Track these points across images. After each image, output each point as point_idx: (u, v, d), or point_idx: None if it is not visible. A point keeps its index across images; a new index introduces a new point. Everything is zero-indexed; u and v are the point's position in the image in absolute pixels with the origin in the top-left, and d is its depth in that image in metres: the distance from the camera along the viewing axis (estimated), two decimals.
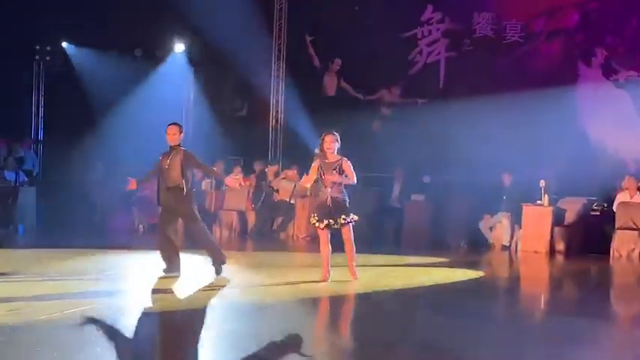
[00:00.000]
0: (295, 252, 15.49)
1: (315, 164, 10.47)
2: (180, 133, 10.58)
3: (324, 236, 10.42)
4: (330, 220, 10.31)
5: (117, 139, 18.02)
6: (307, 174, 10.55)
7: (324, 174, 10.35)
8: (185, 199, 10.47)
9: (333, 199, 10.31)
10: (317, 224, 10.40)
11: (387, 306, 9.45)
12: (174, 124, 10.64)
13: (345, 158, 10.44)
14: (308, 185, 11.22)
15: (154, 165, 10.69)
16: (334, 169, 10.30)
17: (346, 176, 10.30)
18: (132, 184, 10.77)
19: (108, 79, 18.42)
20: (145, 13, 19.41)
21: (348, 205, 10.37)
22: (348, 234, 10.43)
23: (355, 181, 10.44)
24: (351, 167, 10.42)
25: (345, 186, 10.39)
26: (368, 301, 9.75)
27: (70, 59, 19.19)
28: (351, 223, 10.37)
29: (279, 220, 17.44)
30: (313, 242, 16.56)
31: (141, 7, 19.42)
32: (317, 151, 10.57)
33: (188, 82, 19.89)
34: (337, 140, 10.42)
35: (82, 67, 19.04)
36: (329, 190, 10.33)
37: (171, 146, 10.57)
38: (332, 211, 10.30)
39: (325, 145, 10.39)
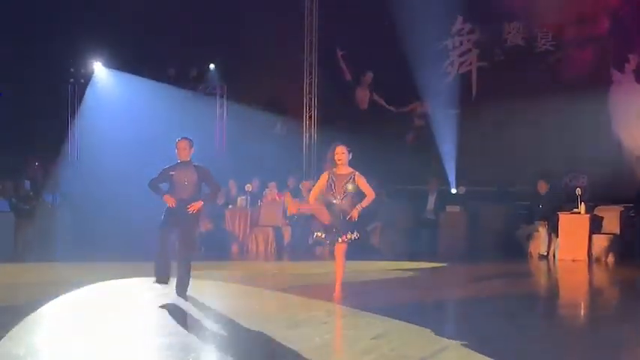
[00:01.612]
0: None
1: (323, 176, 10.13)
2: (191, 147, 10.36)
3: (341, 251, 10.06)
4: (336, 235, 9.98)
5: (152, 157, 18.11)
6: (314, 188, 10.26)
7: (335, 186, 10.00)
8: (192, 216, 10.27)
9: (344, 212, 9.96)
10: (324, 238, 10.09)
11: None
12: (185, 138, 10.40)
13: (358, 172, 10.06)
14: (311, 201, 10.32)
15: (162, 177, 10.35)
16: (347, 182, 9.95)
17: (359, 192, 9.93)
18: (170, 201, 10.34)
19: (142, 99, 18.59)
20: (177, 34, 19.67)
21: (357, 219, 9.96)
22: (342, 252, 10.07)
23: (373, 196, 10.08)
24: (366, 180, 10.06)
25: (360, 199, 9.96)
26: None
27: (102, 82, 19.36)
28: (348, 242, 9.98)
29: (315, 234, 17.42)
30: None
31: (174, 28, 19.70)
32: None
33: (221, 100, 19.98)
34: (349, 151, 10.05)
35: (115, 89, 19.20)
36: (339, 201, 9.98)
37: (182, 161, 10.33)
38: (340, 225, 9.95)
39: (336, 156, 10.02)
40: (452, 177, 17.62)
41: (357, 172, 10.05)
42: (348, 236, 9.95)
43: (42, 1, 20.51)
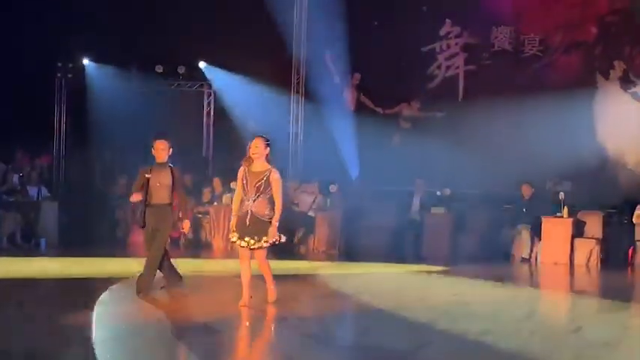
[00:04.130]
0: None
1: (240, 172, 9.11)
2: (170, 148, 10.05)
3: (246, 256, 9.12)
4: (250, 240, 8.98)
5: (139, 154, 18.12)
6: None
7: (247, 184, 8.99)
8: (169, 218, 10.07)
9: (254, 215, 8.98)
10: (237, 242, 9.07)
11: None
12: (164, 138, 10.09)
13: (275, 169, 9.04)
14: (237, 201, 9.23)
15: (140, 179, 10.01)
16: (259, 182, 8.94)
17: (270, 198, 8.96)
18: (135, 197, 9.96)
19: (129, 95, 18.60)
20: (165, 31, 19.67)
21: (271, 223, 8.98)
22: (262, 258, 9.14)
23: (280, 208, 8.99)
24: (280, 183, 9.01)
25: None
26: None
27: (92, 76, 19.33)
28: (267, 247, 9.05)
29: (300, 232, 17.52)
30: (333, 255, 16.72)
31: (161, 25, 19.70)
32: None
33: (208, 97, 19.98)
34: (266, 145, 9.02)
35: (103, 84, 19.19)
36: (251, 202, 9.01)
37: (158, 162, 10.00)
38: (253, 228, 8.98)
39: (251, 150, 9.01)
40: (437, 179, 17.68)
41: (273, 170, 9.03)
42: (264, 240, 8.99)
43: None
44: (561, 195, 15.73)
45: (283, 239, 9.26)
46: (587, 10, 17.78)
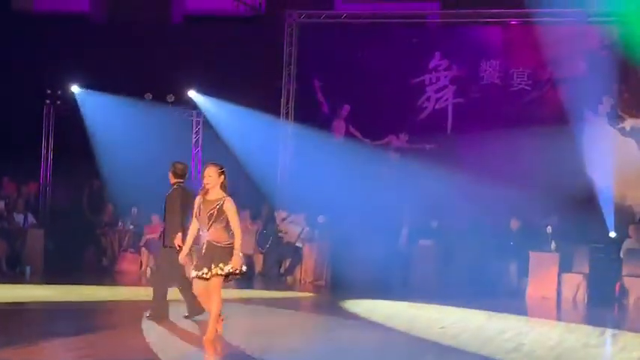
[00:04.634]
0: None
1: (196, 202, 8.81)
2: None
3: (211, 286, 8.66)
4: (205, 269, 8.59)
5: (126, 182, 18.09)
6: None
7: (200, 213, 8.69)
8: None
9: (210, 243, 8.62)
10: (197, 274, 8.68)
11: None
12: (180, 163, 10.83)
13: (229, 197, 8.72)
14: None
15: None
16: (212, 210, 8.60)
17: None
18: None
19: (117, 123, 18.57)
20: (155, 59, 19.72)
21: (230, 250, 8.61)
22: (215, 288, 8.64)
23: (240, 236, 8.63)
24: (235, 211, 8.67)
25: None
26: None
27: (80, 103, 19.29)
28: (224, 275, 8.61)
29: (287, 263, 17.46)
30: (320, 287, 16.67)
31: (150, 53, 19.76)
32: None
33: (197, 125, 19.96)
34: (220, 173, 8.74)
35: (91, 111, 19.15)
36: (206, 233, 8.66)
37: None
38: (207, 256, 8.60)
39: (204, 179, 8.72)
40: (426, 210, 17.67)
41: (227, 198, 8.69)
42: (220, 267, 8.56)
43: (19, 24, 20.57)
44: (549, 229, 15.76)
45: (244, 269, 8.78)
46: (576, 45, 17.87)
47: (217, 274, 8.56)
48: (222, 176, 8.73)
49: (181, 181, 10.85)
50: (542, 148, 17.17)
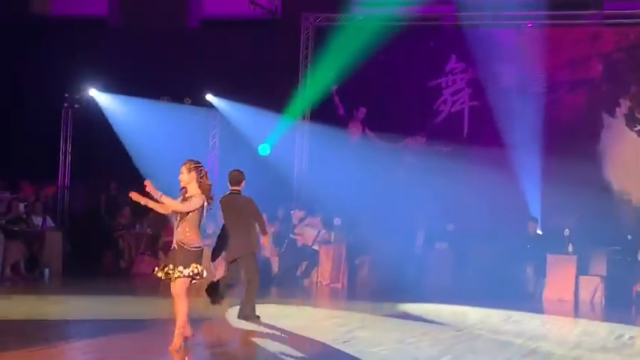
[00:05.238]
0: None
1: (179, 201, 8.72)
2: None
3: (176, 288, 8.56)
4: (169, 270, 8.51)
5: (143, 184, 18.12)
6: None
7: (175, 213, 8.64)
8: None
9: (177, 244, 8.54)
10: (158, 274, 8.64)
11: None
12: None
13: (199, 195, 8.53)
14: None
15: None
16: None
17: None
18: None
19: (135, 126, 18.67)
20: (172, 62, 19.80)
21: (200, 255, 8.57)
22: (178, 290, 8.51)
23: (168, 202, 8.43)
24: (195, 201, 8.46)
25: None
26: None
27: (98, 106, 19.37)
28: (186, 278, 8.46)
29: (304, 265, 17.49)
30: (337, 290, 16.70)
31: (167, 56, 19.84)
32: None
33: (213, 128, 20.02)
34: (191, 168, 8.57)
35: (110, 114, 19.23)
36: (176, 231, 8.59)
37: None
38: (172, 257, 8.55)
39: (180, 177, 8.63)
40: (442, 214, 17.68)
41: (198, 195, 8.54)
42: (180, 271, 8.45)
43: (37, 28, 20.70)
44: (566, 231, 15.74)
45: (204, 275, 8.59)
46: (593, 47, 17.86)
47: (179, 277, 8.44)
48: (194, 172, 8.54)
49: (235, 188, 11.28)
50: (559, 151, 17.13)
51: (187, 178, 8.53)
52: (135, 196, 8.46)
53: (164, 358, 8.53)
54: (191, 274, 8.42)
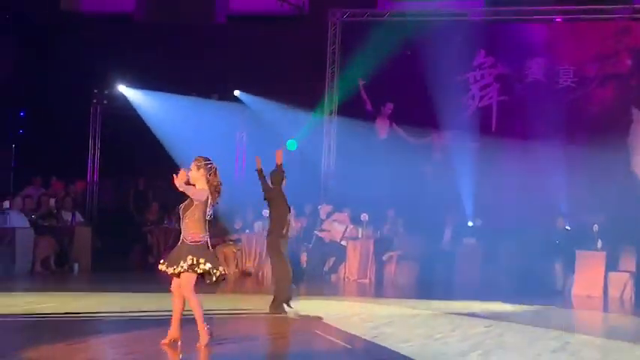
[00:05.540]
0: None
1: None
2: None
3: (178, 285, 8.57)
4: (173, 265, 8.43)
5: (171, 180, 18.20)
6: None
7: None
8: None
9: (181, 240, 8.53)
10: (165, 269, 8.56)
11: None
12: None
13: (205, 189, 8.47)
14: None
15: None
16: (183, 204, 8.54)
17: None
18: None
19: (164, 122, 18.76)
20: (199, 58, 19.87)
21: (204, 248, 8.45)
22: (185, 285, 8.44)
23: (195, 196, 8.35)
24: (198, 191, 8.40)
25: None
26: None
27: (127, 102, 19.46)
28: (189, 272, 8.36)
29: (331, 261, 17.50)
30: (364, 286, 16.70)
31: (194, 52, 19.91)
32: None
33: (242, 123, 20.06)
34: (199, 166, 8.50)
35: (138, 110, 19.31)
36: (182, 226, 8.55)
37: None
38: (176, 253, 8.48)
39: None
40: (469, 209, 17.65)
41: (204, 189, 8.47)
42: (181, 265, 8.37)
43: (67, 24, 20.84)
44: (595, 227, 15.65)
45: (207, 267, 8.40)
46: (621, 41, 17.74)
47: (182, 271, 8.37)
48: (203, 169, 8.47)
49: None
50: (588, 146, 17.01)
51: (196, 175, 8.47)
52: (181, 175, 8.30)
53: (193, 354, 8.56)
54: (187, 267, 8.33)
